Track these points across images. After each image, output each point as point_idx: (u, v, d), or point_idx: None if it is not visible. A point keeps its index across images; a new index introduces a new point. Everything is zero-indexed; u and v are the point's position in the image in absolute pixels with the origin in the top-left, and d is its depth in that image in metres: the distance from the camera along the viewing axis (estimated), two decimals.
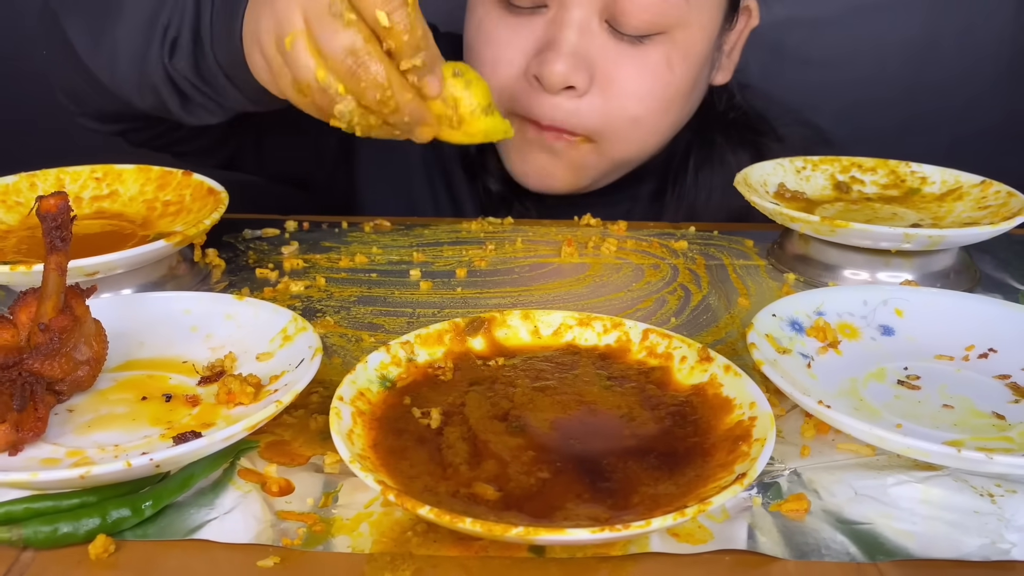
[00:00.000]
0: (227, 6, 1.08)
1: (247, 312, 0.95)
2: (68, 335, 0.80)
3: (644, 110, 1.34)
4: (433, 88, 0.96)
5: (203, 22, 1.12)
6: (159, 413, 0.83)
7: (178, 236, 1.05)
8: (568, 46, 1.27)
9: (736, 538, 0.71)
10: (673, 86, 1.35)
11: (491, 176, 1.54)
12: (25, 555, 0.69)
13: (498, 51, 1.34)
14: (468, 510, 0.68)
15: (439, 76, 0.96)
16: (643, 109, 1.34)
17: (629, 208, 1.53)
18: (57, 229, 0.82)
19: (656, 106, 1.35)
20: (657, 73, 1.32)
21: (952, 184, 1.30)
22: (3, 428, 0.74)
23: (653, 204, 1.55)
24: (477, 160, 1.55)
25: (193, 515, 0.73)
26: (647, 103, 1.34)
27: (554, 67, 1.26)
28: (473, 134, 1.02)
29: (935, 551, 0.71)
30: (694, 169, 1.53)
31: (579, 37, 1.28)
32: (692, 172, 1.53)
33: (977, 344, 0.95)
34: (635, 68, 1.31)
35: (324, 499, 0.75)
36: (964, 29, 2.16)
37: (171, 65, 1.15)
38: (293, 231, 1.32)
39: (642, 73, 1.31)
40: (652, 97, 1.34)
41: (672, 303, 1.12)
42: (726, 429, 0.78)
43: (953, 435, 0.81)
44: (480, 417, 0.80)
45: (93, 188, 1.24)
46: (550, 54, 1.27)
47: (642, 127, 1.37)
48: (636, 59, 1.31)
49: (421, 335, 0.90)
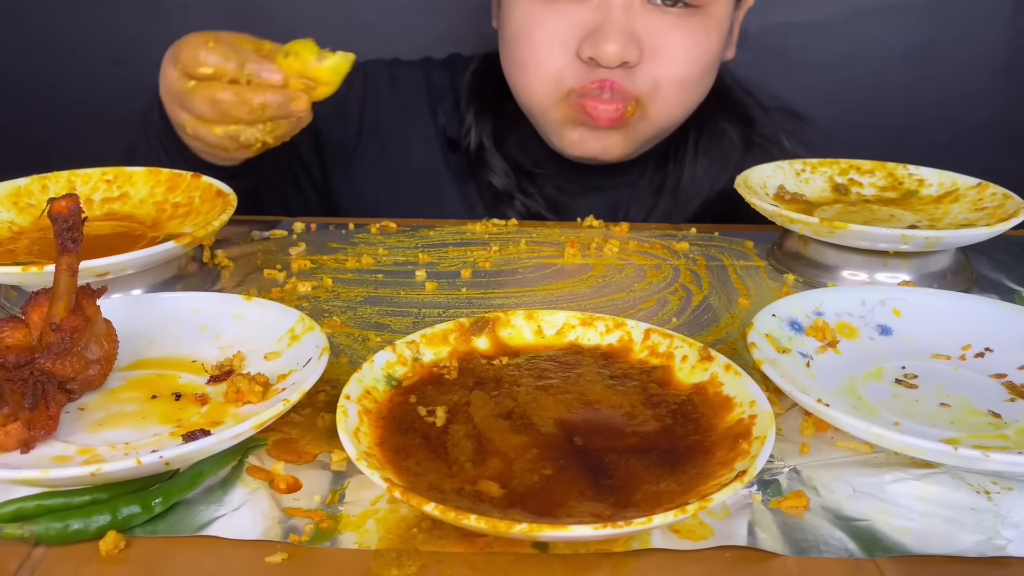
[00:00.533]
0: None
1: (255, 312, 0.95)
2: (79, 335, 0.80)
3: (690, 72, 1.41)
4: (275, 77, 1.15)
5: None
6: (169, 411, 0.83)
7: (187, 237, 1.05)
8: (618, 26, 1.34)
9: (736, 534, 0.71)
10: (711, 52, 1.43)
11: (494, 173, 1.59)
12: (37, 551, 0.69)
13: (551, 35, 1.39)
14: (473, 507, 0.68)
15: (273, 68, 1.15)
16: (689, 71, 1.41)
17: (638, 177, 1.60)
18: (68, 231, 0.82)
19: (699, 69, 1.42)
20: (698, 39, 1.40)
21: (949, 186, 1.30)
22: (15, 426, 0.74)
23: (658, 171, 1.60)
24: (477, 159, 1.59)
25: (202, 512, 0.73)
26: (691, 66, 1.41)
27: (608, 48, 1.33)
28: (329, 81, 1.18)
29: (932, 547, 0.71)
30: (694, 138, 1.59)
31: (626, 17, 1.35)
32: (692, 141, 1.59)
33: (973, 344, 0.95)
34: (679, 36, 1.38)
35: (331, 496, 0.75)
36: (961, 33, 2.16)
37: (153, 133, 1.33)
38: (300, 232, 1.32)
39: (686, 40, 1.39)
40: (695, 61, 1.41)
41: (673, 303, 1.12)
42: (727, 427, 0.78)
43: (950, 433, 0.81)
44: (485, 415, 0.80)
45: (104, 190, 1.24)
46: (602, 35, 1.34)
47: (688, 88, 1.44)
48: (678, 28, 1.38)
49: (427, 335, 0.90)
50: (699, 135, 1.59)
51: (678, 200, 1.58)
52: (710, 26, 1.40)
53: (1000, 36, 2.17)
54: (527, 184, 1.58)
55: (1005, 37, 2.17)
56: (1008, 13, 2.15)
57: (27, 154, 2.17)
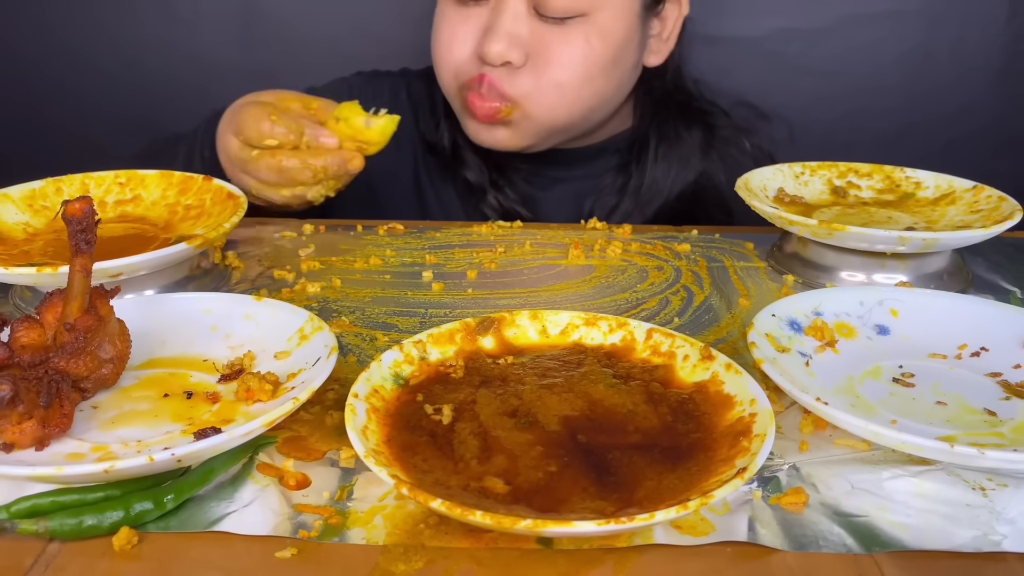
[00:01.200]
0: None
1: (265, 312, 0.95)
2: (93, 334, 0.80)
3: (567, 77, 1.47)
4: (330, 142, 1.29)
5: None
6: (180, 410, 0.83)
7: (199, 239, 1.05)
8: (504, 28, 1.43)
9: (737, 530, 0.71)
10: (591, 59, 1.47)
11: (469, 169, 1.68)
12: (51, 546, 0.69)
13: (452, 35, 1.50)
14: (478, 503, 0.68)
15: (328, 133, 1.29)
16: (566, 76, 1.47)
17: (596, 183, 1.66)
18: (82, 232, 0.82)
19: (577, 74, 1.47)
20: (577, 47, 1.45)
21: (945, 189, 1.30)
22: (30, 424, 0.74)
23: (620, 173, 1.66)
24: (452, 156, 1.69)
25: (213, 508, 0.73)
26: (569, 71, 1.46)
27: (492, 47, 1.43)
28: (378, 141, 1.31)
29: (929, 543, 0.71)
30: (654, 145, 1.64)
31: (513, 21, 1.44)
32: (653, 147, 1.64)
33: (969, 343, 0.95)
34: (559, 43, 1.45)
35: (340, 493, 0.75)
36: (957, 39, 2.16)
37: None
38: (310, 234, 1.32)
39: (564, 47, 1.45)
40: (573, 66, 1.46)
41: (675, 303, 1.12)
42: (727, 425, 0.78)
43: (946, 431, 0.81)
44: (490, 413, 0.80)
45: (117, 193, 1.24)
46: (489, 36, 1.44)
47: (566, 92, 1.48)
48: (560, 36, 1.45)
49: (433, 334, 0.90)
50: (659, 141, 1.64)
51: (639, 200, 1.63)
52: (591, 34, 1.45)
53: (995, 41, 2.17)
54: (499, 178, 1.66)
55: (1000, 42, 2.17)
56: (1003, 18, 2.14)
57: (41, 157, 2.18)
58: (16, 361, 0.77)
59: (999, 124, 2.22)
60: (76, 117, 2.19)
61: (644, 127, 1.66)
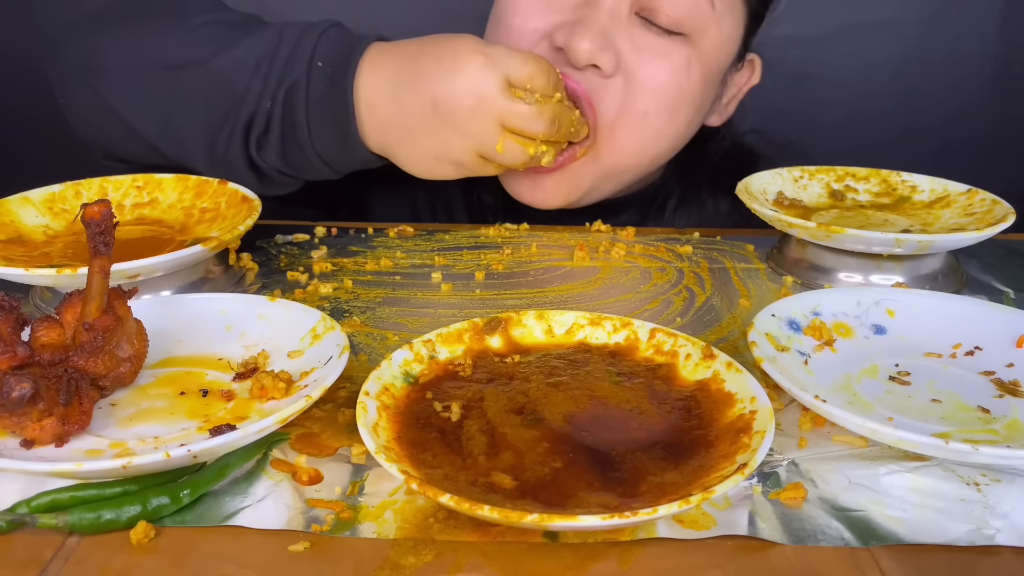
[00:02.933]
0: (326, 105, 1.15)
1: (279, 312, 0.95)
2: (111, 334, 0.80)
3: (655, 106, 1.29)
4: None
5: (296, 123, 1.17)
6: (196, 407, 0.83)
7: (214, 241, 1.05)
8: (598, 25, 1.24)
9: (738, 524, 0.71)
10: (686, 90, 1.30)
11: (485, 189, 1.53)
12: (71, 540, 0.69)
13: (526, 21, 1.29)
14: (486, 498, 0.68)
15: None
16: (655, 104, 1.29)
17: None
18: (101, 235, 0.82)
19: (666, 105, 1.30)
20: (676, 71, 1.28)
21: (940, 192, 1.30)
22: (50, 421, 0.74)
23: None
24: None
25: (228, 503, 0.73)
26: (660, 99, 1.29)
27: (582, 44, 1.22)
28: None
29: (924, 536, 0.71)
30: (672, 208, 1.51)
31: (609, 20, 1.25)
32: (670, 211, 1.51)
33: (964, 342, 0.95)
34: (658, 61, 1.27)
35: (351, 488, 0.75)
36: (951, 47, 2.15)
37: (260, 157, 1.19)
38: (322, 236, 1.32)
39: (663, 68, 1.27)
40: (666, 94, 1.29)
41: (677, 304, 1.12)
42: (728, 422, 0.78)
43: (941, 428, 0.81)
44: (497, 411, 0.80)
45: (134, 196, 1.24)
46: (579, 28, 1.23)
47: (647, 126, 1.30)
48: (660, 53, 1.27)
49: (442, 334, 0.90)
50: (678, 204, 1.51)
51: None
52: (694, 60, 1.28)
53: (989, 48, 2.17)
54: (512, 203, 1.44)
55: (994, 49, 2.17)
56: (997, 26, 2.14)
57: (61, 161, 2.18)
58: (37, 360, 0.78)
59: (993, 129, 2.22)
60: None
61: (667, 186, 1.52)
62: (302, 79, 1.15)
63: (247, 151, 1.19)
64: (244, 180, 1.22)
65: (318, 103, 1.15)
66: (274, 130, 1.17)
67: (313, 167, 1.21)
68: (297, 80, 1.15)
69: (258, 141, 1.19)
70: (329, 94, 1.15)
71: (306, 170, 1.22)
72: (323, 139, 1.17)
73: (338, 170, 1.23)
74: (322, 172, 1.23)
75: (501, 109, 1.11)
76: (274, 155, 1.19)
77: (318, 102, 1.15)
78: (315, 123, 1.16)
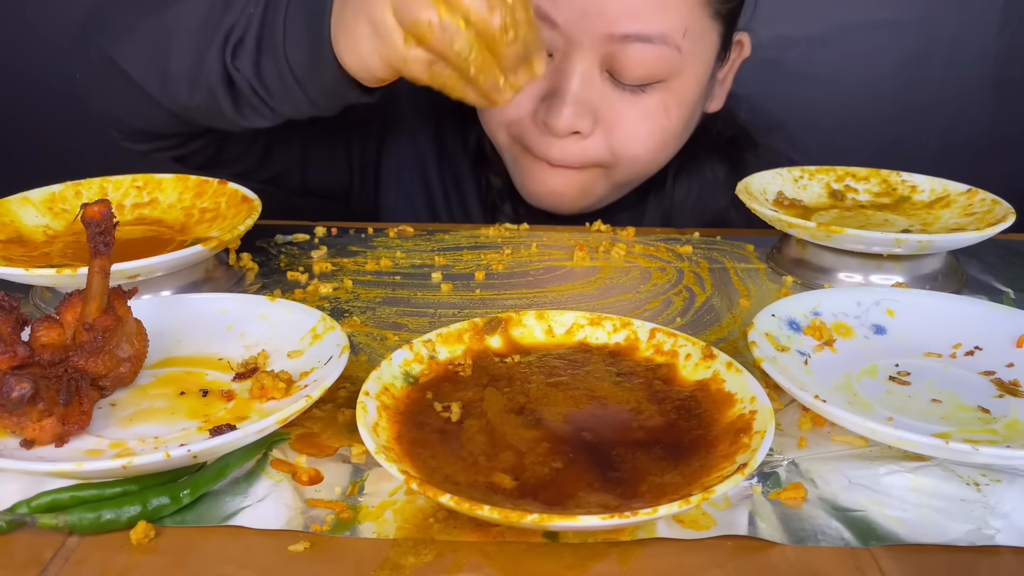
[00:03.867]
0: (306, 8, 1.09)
1: (279, 312, 0.95)
2: (111, 334, 0.80)
3: (643, 149, 1.36)
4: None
5: (273, 26, 1.11)
6: (196, 407, 0.83)
7: (214, 241, 1.05)
8: (572, 95, 1.29)
9: (738, 524, 0.71)
10: (670, 129, 1.37)
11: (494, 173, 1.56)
12: (71, 540, 0.69)
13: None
14: (486, 498, 0.68)
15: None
16: (642, 148, 1.36)
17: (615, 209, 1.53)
18: (101, 235, 0.82)
19: (654, 145, 1.37)
20: (655, 118, 1.34)
21: (940, 192, 1.30)
22: (50, 421, 0.74)
23: (636, 208, 1.56)
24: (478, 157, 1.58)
25: (228, 503, 0.73)
26: (645, 143, 1.36)
27: (560, 115, 1.28)
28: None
29: (924, 536, 0.71)
30: (672, 176, 1.54)
31: (582, 86, 1.29)
32: (671, 179, 1.54)
33: (964, 342, 0.95)
34: (634, 114, 1.33)
35: (351, 488, 0.75)
36: (951, 47, 2.16)
37: (232, 65, 1.15)
38: (322, 236, 1.32)
39: (642, 118, 1.33)
40: (651, 138, 1.36)
41: (677, 304, 1.12)
42: (728, 422, 0.78)
43: (941, 428, 0.81)
44: (497, 411, 0.80)
45: (134, 196, 1.24)
46: (556, 101, 1.29)
47: (640, 163, 1.39)
48: (635, 106, 1.32)
49: (442, 334, 0.90)
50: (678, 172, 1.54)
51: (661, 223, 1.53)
52: (670, 103, 1.34)
53: (988, 49, 2.17)
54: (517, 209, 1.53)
55: (993, 50, 2.17)
56: (996, 27, 2.15)
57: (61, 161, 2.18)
58: (37, 360, 0.78)
59: (992, 129, 2.22)
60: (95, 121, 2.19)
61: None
62: None
63: (223, 59, 1.15)
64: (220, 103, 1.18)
65: (297, 4, 1.11)
66: (251, 34, 1.13)
67: (285, 84, 1.13)
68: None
69: (234, 49, 1.14)
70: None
71: (279, 94, 1.16)
72: (295, 41, 1.10)
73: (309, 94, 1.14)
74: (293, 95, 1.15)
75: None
76: (248, 63, 1.14)
77: (297, 3, 1.11)
78: (290, 22, 1.10)
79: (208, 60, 1.15)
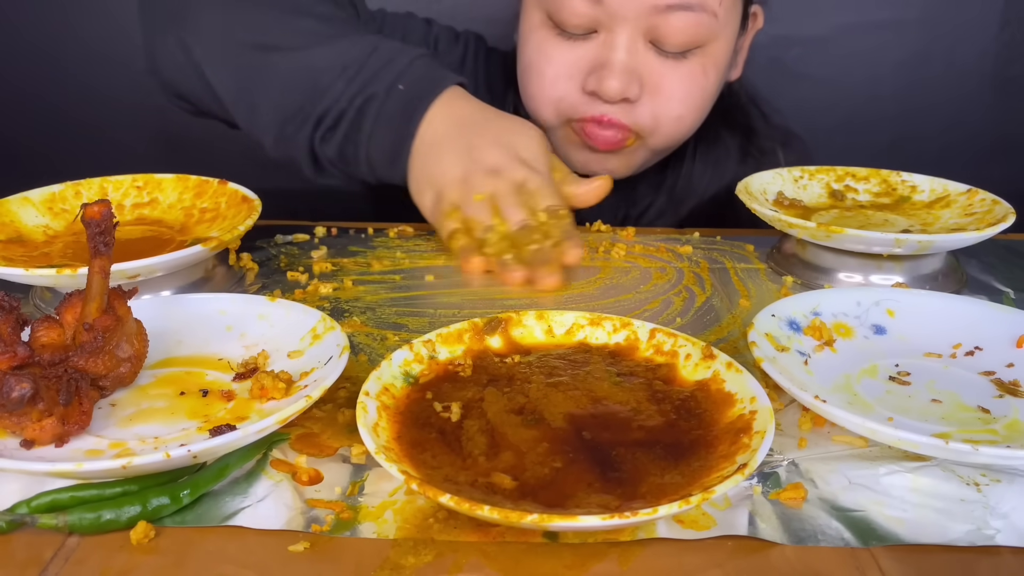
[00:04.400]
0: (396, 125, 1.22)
1: (279, 312, 0.95)
2: (111, 334, 0.80)
3: (686, 110, 1.42)
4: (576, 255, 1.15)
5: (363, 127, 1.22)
6: (196, 407, 0.83)
7: (214, 241, 1.05)
8: (620, 64, 1.34)
9: (738, 524, 0.71)
10: (708, 89, 1.43)
11: None
12: (70, 540, 0.69)
13: (558, 69, 1.40)
14: (486, 498, 0.68)
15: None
16: (685, 109, 1.42)
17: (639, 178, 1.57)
18: (101, 235, 0.82)
19: (695, 106, 1.43)
20: (695, 80, 1.40)
21: (940, 192, 1.30)
22: (50, 421, 0.74)
23: (657, 173, 1.60)
24: None
25: (228, 503, 0.73)
26: (688, 104, 1.41)
27: (611, 83, 1.34)
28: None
29: (924, 536, 0.71)
30: (693, 143, 1.58)
31: (628, 56, 1.34)
32: (692, 146, 1.59)
33: (964, 342, 0.95)
34: (676, 78, 1.38)
35: (351, 488, 0.75)
36: (951, 46, 2.16)
37: (320, 148, 1.25)
38: (322, 236, 1.32)
39: (683, 82, 1.39)
40: (692, 99, 1.41)
41: (677, 304, 1.12)
42: (728, 422, 0.78)
43: (941, 428, 0.81)
44: (497, 411, 0.80)
45: (134, 196, 1.24)
46: (605, 72, 1.35)
47: (684, 124, 1.45)
48: (677, 71, 1.38)
49: (442, 334, 0.90)
50: (697, 141, 1.58)
51: (673, 199, 1.61)
52: (708, 66, 1.40)
53: (988, 49, 2.17)
54: None
55: (993, 50, 2.17)
56: (996, 27, 2.14)
57: (61, 161, 2.18)
58: (37, 360, 0.78)
59: (992, 129, 2.22)
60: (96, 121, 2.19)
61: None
62: (381, 94, 1.21)
63: (312, 140, 1.25)
64: (302, 163, 1.28)
65: (387, 119, 1.21)
66: (341, 129, 1.23)
67: (359, 168, 1.26)
68: (376, 94, 1.21)
69: (324, 134, 1.24)
70: (399, 115, 1.21)
71: (353, 169, 1.27)
72: (379, 150, 1.23)
73: (378, 178, 1.27)
74: (364, 176, 1.28)
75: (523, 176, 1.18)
76: (333, 149, 1.25)
77: (388, 119, 1.21)
78: (377, 136, 1.22)
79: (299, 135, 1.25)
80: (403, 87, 1.22)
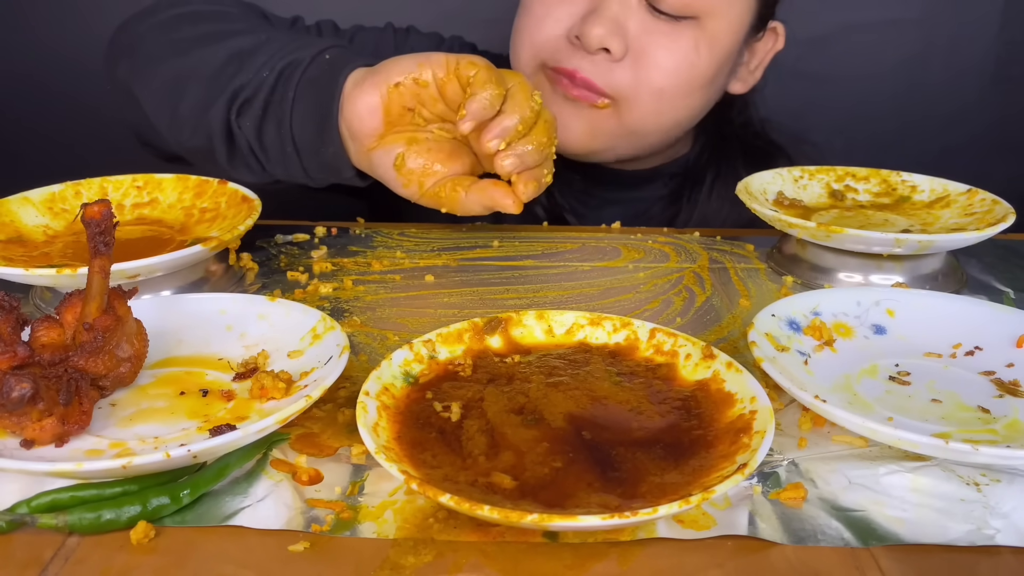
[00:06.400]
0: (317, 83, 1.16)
1: (279, 312, 0.95)
2: (111, 334, 0.80)
3: (668, 84, 1.37)
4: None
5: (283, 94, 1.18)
6: (196, 407, 0.83)
7: (214, 241, 1.05)
8: (609, 13, 1.32)
9: (738, 524, 0.71)
10: (697, 69, 1.37)
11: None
12: (71, 540, 0.69)
13: (548, 9, 1.37)
14: (486, 498, 0.68)
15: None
16: (668, 82, 1.36)
17: (646, 208, 1.56)
18: (101, 235, 0.82)
19: (679, 83, 1.38)
20: (685, 52, 1.35)
21: (940, 192, 1.30)
22: (50, 421, 0.74)
23: (668, 208, 1.57)
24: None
25: (228, 503, 0.73)
26: (672, 78, 1.36)
27: (593, 29, 1.30)
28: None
29: (924, 536, 0.71)
30: (710, 181, 1.55)
31: (620, 8, 1.32)
32: (708, 183, 1.55)
33: (964, 342, 0.95)
34: (667, 44, 1.34)
35: (351, 488, 0.75)
36: (952, 46, 2.16)
37: (236, 122, 1.21)
38: (322, 236, 1.32)
39: (672, 50, 1.35)
40: (677, 74, 1.36)
41: (677, 304, 1.12)
42: (728, 422, 0.78)
43: (941, 428, 0.81)
44: (497, 411, 0.80)
45: (134, 196, 1.24)
46: (592, 17, 1.32)
47: (664, 100, 1.39)
48: (668, 36, 1.34)
49: (442, 334, 0.90)
50: (716, 176, 1.56)
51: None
52: (701, 41, 1.35)
53: (989, 48, 2.17)
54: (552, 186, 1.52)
55: (994, 50, 2.17)
56: (996, 26, 2.15)
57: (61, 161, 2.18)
58: (37, 360, 0.78)
59: (993, 129, 2.22)
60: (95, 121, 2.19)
61: (703, 159, 1.58)
62: (305, 60, 1.18)
63: (228, 114, 1.21)
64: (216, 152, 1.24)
65: (310, 82, 1.17)
66: (259, 97, 1.19)
67: (284, 151, 1.20)
68: (299, 59, 1.18)
69: (240, 107, 1.20)
70: (323, 77, 1.16)
71: (276, 158, 1.21)
72: (302, 117, 1.17)
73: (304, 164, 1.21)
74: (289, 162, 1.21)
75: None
76: (251, 124, 1.20)
77: (310, 81, 1.17)
78: (299, 98, 1.17)
79: (213, 110, 1.20)
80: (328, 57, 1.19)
